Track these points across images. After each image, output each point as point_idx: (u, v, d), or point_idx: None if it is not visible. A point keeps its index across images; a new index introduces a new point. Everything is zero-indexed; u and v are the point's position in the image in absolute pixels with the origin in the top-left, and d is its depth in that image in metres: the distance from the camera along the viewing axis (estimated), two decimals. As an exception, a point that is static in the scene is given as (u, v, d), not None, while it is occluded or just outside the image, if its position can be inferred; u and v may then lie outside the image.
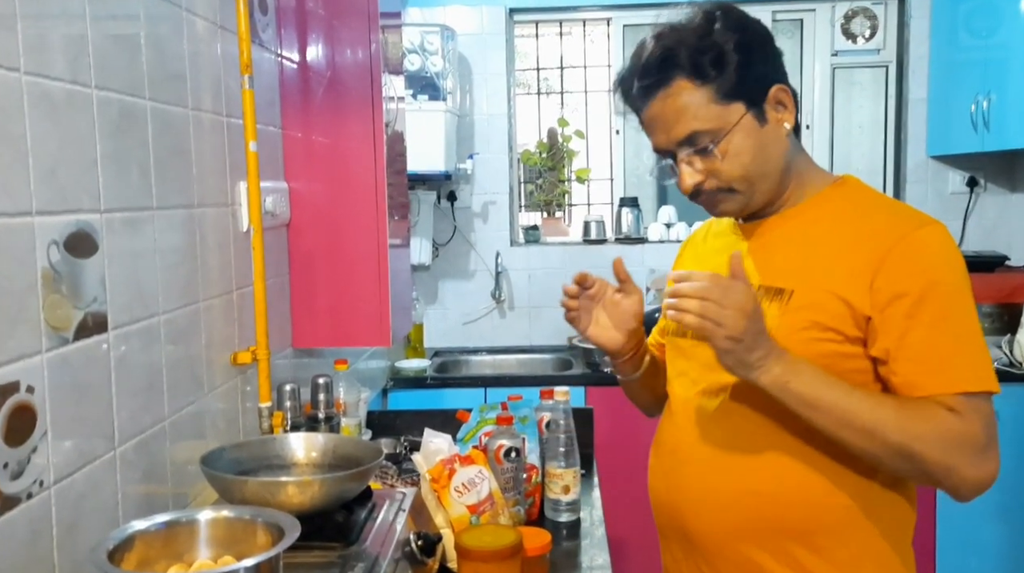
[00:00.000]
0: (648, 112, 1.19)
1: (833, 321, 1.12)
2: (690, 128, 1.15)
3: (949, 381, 1.08)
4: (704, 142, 1.15)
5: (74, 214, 1.08)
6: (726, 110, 1.14)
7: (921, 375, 1.09)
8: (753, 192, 1.19)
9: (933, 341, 1.09)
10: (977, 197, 3.49)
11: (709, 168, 1.17)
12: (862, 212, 1.18)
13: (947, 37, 3.33)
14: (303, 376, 1.82)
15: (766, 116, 1.17)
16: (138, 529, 0.97)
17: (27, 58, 0.99)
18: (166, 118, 1.34)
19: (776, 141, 1.18)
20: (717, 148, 1.15)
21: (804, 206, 1.22)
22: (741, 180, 1.17)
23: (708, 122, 1.14)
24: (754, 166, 1.16)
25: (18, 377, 0.96)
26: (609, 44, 3.70)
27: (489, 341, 3.62)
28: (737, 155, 1.15)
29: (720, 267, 1.24)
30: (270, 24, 1.78)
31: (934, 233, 1.12)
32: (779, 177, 1.20)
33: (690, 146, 1.16)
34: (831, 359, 1.12)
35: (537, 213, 3.91)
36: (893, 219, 1.15)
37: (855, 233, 1.15)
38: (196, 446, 1.41)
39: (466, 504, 1.46)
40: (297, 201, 1.88)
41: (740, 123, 1.14)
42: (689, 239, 1.47)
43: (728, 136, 1.14)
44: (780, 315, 1.15)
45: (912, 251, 1.10)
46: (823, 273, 1.14)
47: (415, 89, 3.06)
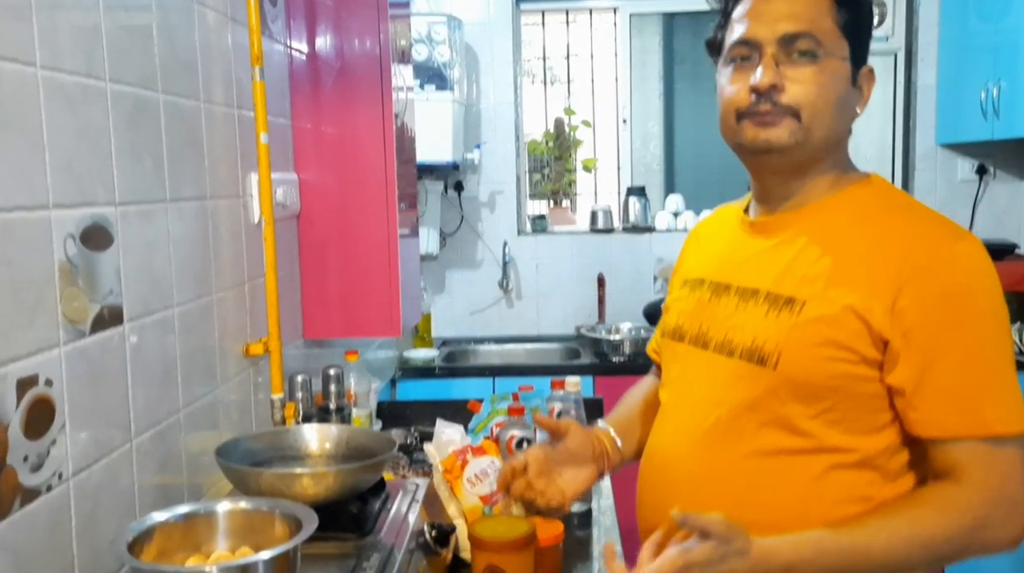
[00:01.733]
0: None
1: (849, 339, 1.01)
2: (809, 28, 1.05)
3: (976, 423, 0.98)
4: (810, 47, 1.05)
5: (90, 207, 1.08)
6: (839, 39, 1.07)
7: (944, 414, 0.99)
8: (811, 133, 1.07)
9: (961, 376, 0.98)
10: (986, 185, 3.47)
11: (791, 78, 1.06)
12: (888, 219, 1.06)
13: (957, 23, 3.31)
14: (314, 367, 1.83)
15: (855, 81, 1.10)
16: (158, 521, 0.98)
17: (43, 52, 0.99)
18: (179, 110, 1.34)
19: (849, 106, 1.10)
20: (817, 62, 1.05)
21: (823, 204, 1.10)
22: (811, 108, 1.06)
23: (823, 34, 1.06)
24: (829, 108, 1.07)
25: (37, 370, 0.97)
26: (615, 33, 3.68)
27: (496, 330, 3.62)
28: (824, 82, 1.06)
29: (725, 267, 1.16)
30: (279, 15, 1.78)
31: (968, 251, 1.01)
32: (834, 143, 1.10)
33: (792, 44, 1.06)
34: (843, 381, 1.02)
35: (544, 202, 3.90)
36: (922, 231, 1.03)
37: (878, 242, 1.03)
38: (210, 437, 1.42)
39: (479, 494, 1.47)
40: (307, 192, 1.88)
41: (841, 61, 1.07)
42: (693, 232, 1.36)
43: (830, 59, 1.06)
44: (790, 328, 1.04)
45: (946, 270, 0.99)
46: (840, 285, 1.02)
47: (422, 79, 3.05)
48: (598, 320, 3.55)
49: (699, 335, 1.16)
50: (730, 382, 1.10)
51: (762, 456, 1.06)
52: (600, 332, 3.35)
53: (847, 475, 1.04)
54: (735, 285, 1.14)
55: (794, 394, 1.04)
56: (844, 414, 1.03)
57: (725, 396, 1.10)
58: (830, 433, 1.04)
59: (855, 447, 1.04)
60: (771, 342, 1.05)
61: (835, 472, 1.04)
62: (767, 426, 1.06)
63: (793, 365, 1.03)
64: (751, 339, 1.08)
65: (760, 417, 1.06)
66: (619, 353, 3.19)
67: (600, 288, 3.56)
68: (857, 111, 1.11)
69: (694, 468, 1.12)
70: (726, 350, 1.11)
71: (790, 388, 1.04)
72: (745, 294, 1.11)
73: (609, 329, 3.41)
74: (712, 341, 1.14)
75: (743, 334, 1.09)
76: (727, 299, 1.14)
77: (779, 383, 1.04)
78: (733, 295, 1.13)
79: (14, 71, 0.94)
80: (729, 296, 1.14)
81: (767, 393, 1.05)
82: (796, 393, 1.04)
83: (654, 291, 3.56)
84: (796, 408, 1.04)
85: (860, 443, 1.04)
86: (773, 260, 1.10)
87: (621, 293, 3.58)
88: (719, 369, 1.11)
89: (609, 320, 3.53)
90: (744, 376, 1.08)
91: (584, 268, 3.60)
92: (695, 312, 1.19)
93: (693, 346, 1.17)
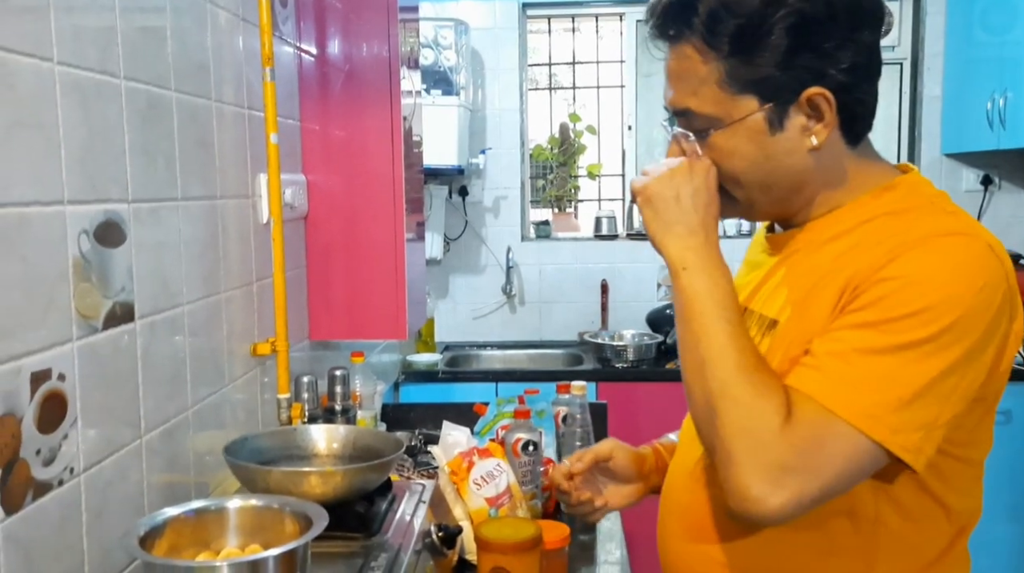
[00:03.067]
0: (666, 56, 0.97)
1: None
2: (685, 103, 0.94)
3: (839, 401, 0.84)
4: (699, 125, 0.94)
5: (103, 204, 1.09)
6: (732, 100, 0.90)
7: (804, 367, 0.87)
8: (752, 200, 0.97)
9: (864, 359, 0.83)
10: (991, 195, 3.48)
11: (698, 156, 0.96)
12: (891, 228, 0.89)
13: (963, 34, 3.32)
14: (319, 368, 1.83)
15: (785, 122, 0.91)
16: (170, 515, 0.98)
17: (60, 48, 0.99)
18: (191, 109, 1.35)
19: (788, 155, 0.92)
20: (707, 140, 0.94)
21: (831, 218, 0.97)
22: (731, 184, 0.96)
23: (707, 105, 0.92)
24: (748, 176, 0.94)
25: (50, 365, 0.97)
26: (621, 40, 3.70)
27: (499, 336, 3.63)
28: (729, 157, 0.94)
29: (742, 286, 1.06)
30: (290, 17, 1.79)
31: (951, 245, 0.84)
32: (787, 194, 0.96)
33: (683, 119, 0.96)
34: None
35: (548, 208, 3.91)
36: (914, 224, 0.88)
37: (860, 249, 0.89)
38: (217, 436, 1.42)
39: (485, 497, 1.47)
40: (315, 194, 1.89)
41: (744, 122, 0.91)
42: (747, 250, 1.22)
43: (724, 131, 0.92)
44: (766, 353, 0.93)
45: (900, 260, 0.84)
46: (809, 304, 0.92)
47: (428, 84, 3.06)
48: (601, 326, 3.56)
49: None
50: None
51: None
52: (603, 338, 3.35)
53: (835, 522, 0.92)
54: (748, 307, 1.04)
55: None
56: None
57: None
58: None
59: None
60: None
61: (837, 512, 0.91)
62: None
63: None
64: None
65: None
66: (622, 359, 3.19)
67: (603, 294, 3.57)
68: (812, 143, 0.91)
69: (685, 499, 1.06)
70: None
71: None
72: (750, 317, 1.03)
73: (612, 335, 3.41)
74: None
75: None
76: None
77: None
78: (747, 318, 1.04)
79: (32, 66, 0.95)
80: (747, 320, 1.04)
81: None
82: None
83: (657, 298, 3.56)
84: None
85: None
86: (771, 277, 1.02)
87: (624, 300, 3.58)
88: None
89: (612, 327, 3.53)
90: None
91: (587, 274, 3.60)
92: None
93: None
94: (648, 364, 3.18)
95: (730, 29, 0.88)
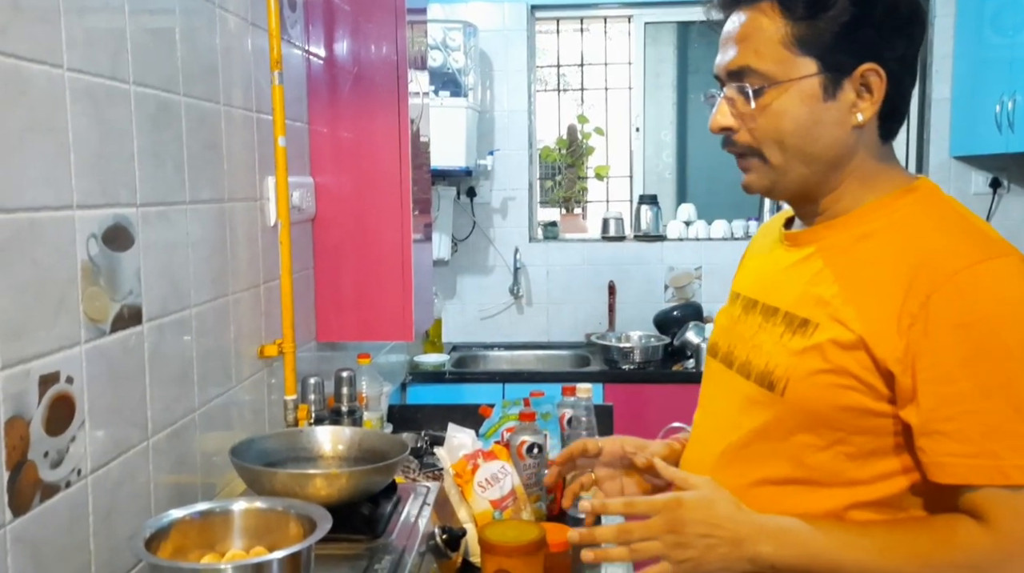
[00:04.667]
0: (726, 25, 1.02)
1: (854, 367, 0.92)
2: (745, 60, 0.97)
3: (992, 470, 0.86)
4: (751, 82, 0.97)
5: (112, 207, 1.10)
6: (793, 60, 0.95)
7: (957, 458, 0.88)
8: (786, 170, 0.99)
9: (978, 416, 0.87)
10: (1000, 198, 3.46)
11: (747, 117, 0.99)
12: (921, 230, 0.94)
13: (972, 36, 3.30)
14: (326, 369, 1.84)
15: (838, 92, 0.96)
16: (176, 517, 0.99)
17: (70, 54, 1.00)
18: (199, 113, 1.36)
19: (835, 125, 0.97)
20: (760, 98, 0.97)
21: (857, 215, 1.00)
22: (774, 147, 0.98)
23: (767, 63, 0.96)
24: (793, 139, 0.97)
25: (58, 367, 0.98)
26: (630, 41, 3.70)
27: (507, 336, 3.63)
28: (779, 116, 0.97)
29: (757, 283, 1.12)
30: (298, 20, 1.80)
31: (998, 271, 0.88)
32: (824, 168, 0.99)
33: (737, 80, 0.99)
34: (853, 412, 0.93)
35: (556, 209, 3.91)
36: (957, 244, 0.91)
37: (905, 257, 0.92)
38: (224, 437, 1.43)
39: (489, 499, 1.48)
40: (323, 196, 1.90)
41: (799, 83, 0.95)
42: (751, 241, 1.27)
43: (779, 89, 0.96)
44: (799, 352, 0.97)
45: (968, 291, 0.87)
46: (855, 306, 0.94)
47: (436, 85, 3.07)
48: (608, 328, 3.56)
49: (728, 354, 1.12)
50: (744, 406, 1.05)
51: (771, 484, 1.01)
52: (610, 340, 3.35)
53: (864, 515, 0.96)
54: (761, 302, 1.08)
55: (801, 423, 0.97)
56: (861, 449, 0.95)
57: (740, 420, 1.04)
58: (845, 467, 0.96)
59: (873, 485, 0.95)
60: (781, 367, 0.99)
61: (852, 511, 0.96)
62: (777, 455, 1.00)
63: (798, 392, 0.96)
64: (765, 362, 1.02)
65: (770, 445, 1.01)
66: (629, 361, 3.19)
67: (611, 296, 3.57)
68: (857, 119, 0.97)
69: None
70: (745, 372, 1.06)
71: (797, 417, 0.97)
72: (767, 312, 1.06)
73: (619, 337, 3.41)
74: (736, 361, 1.09)
75: (760, 356, 1.04)
76: (753, 317, 1.09)
77: (786, 411, 0.98)
78: (758, 313, 1.08)
79: (42, 72, 0.96)
80: (755, 314, 1.09)
81: (775, 420, 1.00)
82: (803, 422, 0.97)
83: (665, 300, 3.56)
84: (804, 438, 0.97)
85: (880, 481, 0.95)
86: (795, 277, 1.04)
87: (632, 301, 3.58)
88: (737, 391, 1.07)
89: (619, 328, 3.53)
90: (757, 401, 1.02)
91: (595, 275, 3.61)
92: (728, 329, 1.15)
93: (722, 364, 1.13)
94: (655, 366, 3.19)
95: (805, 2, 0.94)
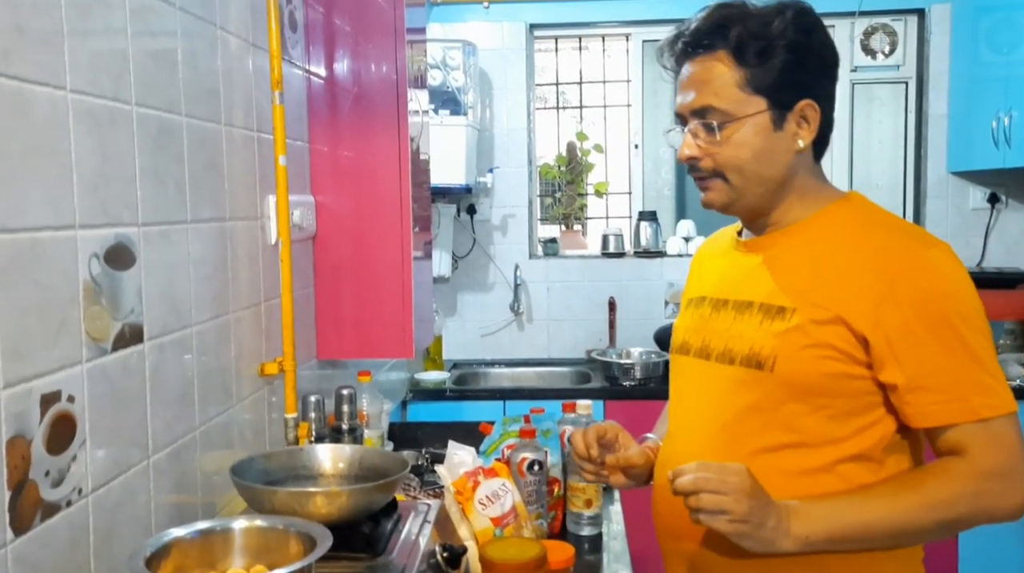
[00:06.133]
0: (683, 71, 1.19)
1: (833, 339, 1.10)
2: (707, 101, 1.15)
3: (965, 410, 1.07)
4: (714, 119, 1.15)
5: (114, 227, 1.11)
6: (747, 99, 1.14)
7: (936, 405, 1.08)
8: (744, 190, 1.18)
9: (947, 370, 1.08)
10: (998, 213, 3.47)
11: (710, 147, 1.16)
12: (867, 230, 1.16)
13: (968, 53, 3.33)
14: (326, 387, 1.85)
15: (784, 124, 1.16)
16: (176, 536, 0.99)
17: (73, 76, 1.02)
18: (201, 133, 1.37)
19: (783, 152, 1.17)
20: (722, 132, 1.15)
21: (808, 222, 1.20)
22: (734, 171, 1.16)
23: (725, 102, 1.14)
24: (752, 164, 1.16)
25: (60, 386, 0.98)
26: (628, 59, 3.72)
27: (507, 353, 3.63)
28: (739, 146, 1.15)
29: (723, 285, 1.26)
30: (299, 41, 1.82)
31: (943, 255, 1.11)
32: (774, 187, 1.18)
33: (700, 118, 1.16)
34: (835, 379, 1.11)
35: (555, 226, 3.92)
36: (900, 239, 1.13)
37: (860, 251, 1.13)
38: (224, 456, 1.43)
39: (490, 516, 1.48)
40: (323, 214, 1.91)
41: (754, 118, 1.14)
42: (696, 255, 1.44)
43: (737, 123, 1.14)
44: (782, 333, 1.13)
45: (922, 276, 1.09)
46: (826, 292, 1.12)
47: (436, 104, 3.09)
48: (609, 344, 3.56)
49: (702, 348, 1.25)
50: (733, 388, 1.18)
51: (768, 452, 1.14)
52: (611, 356, 3.35)
53: (849, 468, 1.13)
54: (732, 299, 1.23)
55: (791, 394, 1.13)
56: (840, 410, 1.12)
57: (731, 401, 1.18)
58: (829, 428, 1.13)
59: (852, 440, 1.13)
60: (767, 348, 1.14)
61: (839, 466, 1.13)
62: (771, 425, 1.15)
63: (787, 367, 1.12)
64: (748, 347, 1.17)
65: (764, 418, 1.15)
66: (630, 377, 3.19)
67: (611, 312, 3.57)
68: (799, 145, 1.17)
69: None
70: (727, 359, 1.20)
71: (787, 388, 1.13)
72: (741, 307, 1.21)
73: (620, 353, 3.41)
74: (714, 352, 1.23)
75: (741, 343, 1.18)
76: (725, 313, 1.23)
77: (776, 384, 1.13)
78: (731, 309, 1.23)
79: (46, 94, 0.97)
80: (727, 310, 1.23)
81: (766, 394, 1.14)
82: (793, 392, 1.13)
83: (665, 316, 3.56)
84: (794, 406, 1.13)
85: (857, 436, 1.13)
86: (764, 274, 1.20)
87: (632, 317, 3.58)
88: (722, 377, 1.20)
89: (620, 344, 3.54)
90: (745, 381, 1.17)
91: (595, 292, 3.61)
92: (698, 327, 1.28)
93: (697, 358, 1.26)
94: (656, 382, 3.18)
95: (752, 47, 1.14)
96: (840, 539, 1.08)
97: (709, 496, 1.04)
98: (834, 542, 1.09)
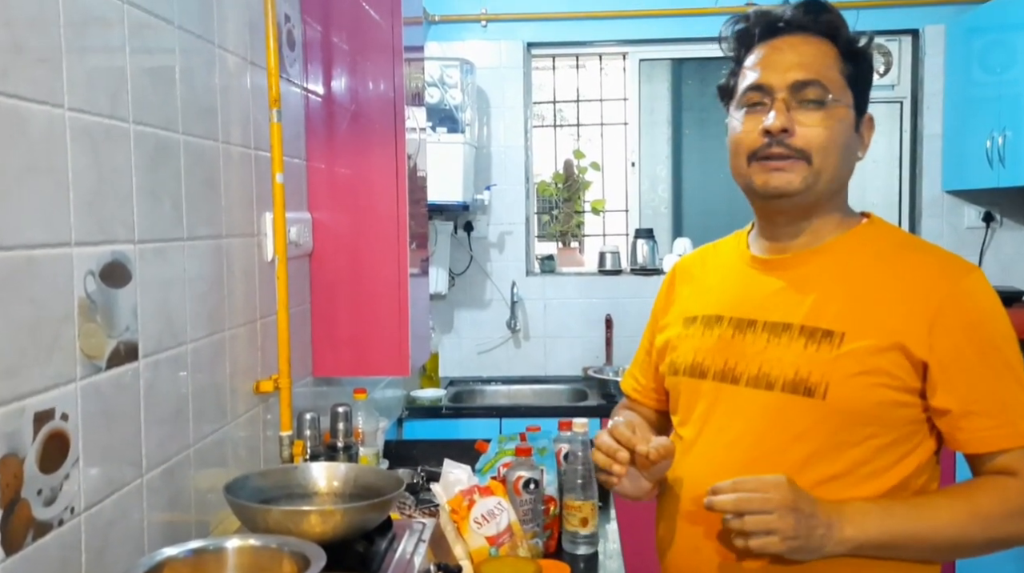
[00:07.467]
0: (773, 44, 1.16)
1: (890, 366, 1.08)
2: (818, 75, 1.13)
3: (1015, 434, 1.07)
4: (818, 95, 1.13)
5: (110, 245, 1.11)
6: (845, 88, 1.15)
7: (988, 430, 1.08)
8: (821, 176, 1.14)
9: (996, 394, 1.08)
10: (993, 232, 3.49)
11: (802, 122, 1.13)
12: (900, 253, 1.16)
13: (962, 73, 3.35)
14: (322, 405, 1.84)
15: (859, 128, 1.18)
16: (168, 556, 0.98)
17: (70, 94, 1.02)
18: (198, 151, 1.37)
19: (854, 153, 1.18)
20: (826, 108, 1.13)
21: (836, 242, 1.18)
22: (821, 153, 1.13)
23: (831, 82, 1.14)
24: (839, 151, 1.14)
25: (54, 404, 0.98)
26: (625, 78, 3.74)
27: (504, 371, 3.63)
28: (833, 129, 1.13)
29: (744, 304, 1.20)
30: (297, 59, 1.83)
31: (981, 279, 1.12)
32: (838, 187, 1.18)
33: (802, 91, 1.13)
34: (886, 407, 1.09)
35: (552, 243, 3.93)
36: (938, 264, 1.13)
37: (900, 276, 1.12)
38: (219, 474, 1.42)
39: (485, 535, 1.47)
40: (320, 231, 1.91)
41: (848, 108, 1.15)
42: (679, 270, 1.37)
43: (838, 105, 1.14)
44: (832, 359, 1.10)
45: (968, 300, 1.10)
46: (875, 317, 1.10)
47: (434, 121, 3.10)
48: (605, 362, 3.56)
49: (726, 371, 1.19)
50: (772, 415, 1.13)
51: (810, 485, 1.08)
52: (607, 374, 3.35)
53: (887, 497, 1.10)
54: (762, 320, 1.17)
55: (842, 423, 1.09)
56: (885, 440, 1.10)
57: (768, 429, 1.13)
58: (875, 458, 1.10)
59: (893, 470, 1.10)
60: (816, 373, 1.10)
61: (879, 497, 1.10)
62: (815, 456, 1.10)
63: (840, 393, 1.08)
64: (793, 371, 1.12)
65: (808, 447, 1.10)
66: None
67: (608, 329, 3.57)
68: (859, 156, 1.20)
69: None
70: (763, 384, 1.14)
71: (839, 417, 1.09)
72: (776, 329, 1.16)
73: (616, 371, 3.41)
74: (743, 376, 1.16)
75: (782, 367, 1.13)
76: (754, 335, 1.17)
77: (828, 412, 1.09)
78: (761, 330, 1.17)
79: (43, 112, 0.97)
80: (756, 332, 1.17)
81: (816, 423, 1.10)
82: (844, 421, 1.09)
83: (661, 333, 3.56)
84: (843, 436, 1.10)
85: (898, 465, 1.11)
86: (800, 295, 1.16)
87: (629, 335, 3.58)
88: (756, 403, 1.14)
89: (616, 362, 3.53)
90: (788, 408, 1.12)
91: (592, 309, 3.61)
92: (717, 349, 1.21)
93: (720, 382, 1.19)
94: (652, 400, 3.17)
95: (852, 45, 1.17)
96: (891, 545, 1.06)
97: (754, 518, 1.01)
98: (884, 548, 1.06)
